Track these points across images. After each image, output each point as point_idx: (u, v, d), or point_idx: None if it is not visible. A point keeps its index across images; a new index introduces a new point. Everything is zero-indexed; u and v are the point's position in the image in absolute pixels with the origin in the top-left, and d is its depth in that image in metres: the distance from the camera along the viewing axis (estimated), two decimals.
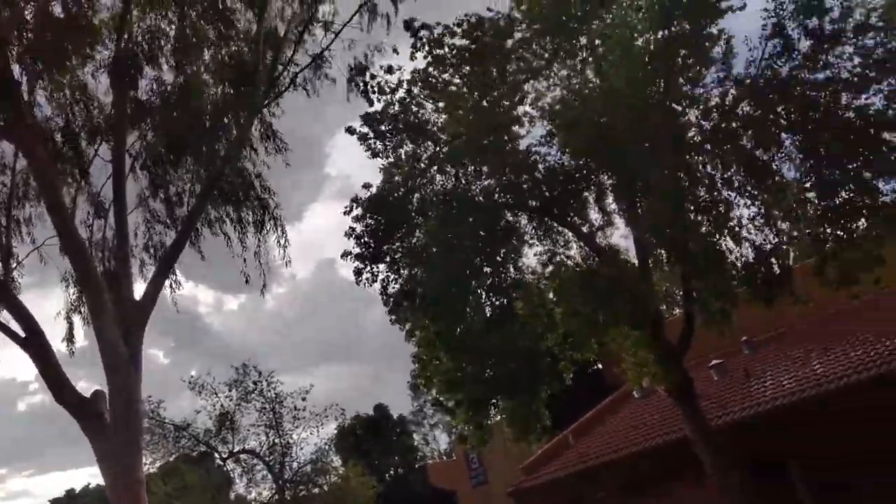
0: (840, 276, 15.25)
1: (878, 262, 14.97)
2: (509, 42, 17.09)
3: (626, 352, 16.86)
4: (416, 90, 17.37)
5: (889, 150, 14.76)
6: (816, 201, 15.54)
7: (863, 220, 15.27)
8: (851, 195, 15.18)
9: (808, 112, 15.09)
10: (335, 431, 50.83)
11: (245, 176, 21.16)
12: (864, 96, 14.89)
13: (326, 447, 43.68)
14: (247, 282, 21.01)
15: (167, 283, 20.30)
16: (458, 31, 17.05)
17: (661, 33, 15.97)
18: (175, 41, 20.03)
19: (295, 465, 42.15)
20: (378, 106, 17.51)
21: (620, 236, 17.79)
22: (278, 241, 21.46)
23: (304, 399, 42.07)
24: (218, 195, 20.85)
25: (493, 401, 16.17)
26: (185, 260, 20.67)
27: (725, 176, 16.11)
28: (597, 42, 16.54)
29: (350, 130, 17.48)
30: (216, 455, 42.66)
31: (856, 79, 14.84)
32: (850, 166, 14.99)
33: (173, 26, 20.21)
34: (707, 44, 15.82)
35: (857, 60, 14.89)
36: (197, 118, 20.05)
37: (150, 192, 21.30)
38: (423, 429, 73.63)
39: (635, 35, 15.68)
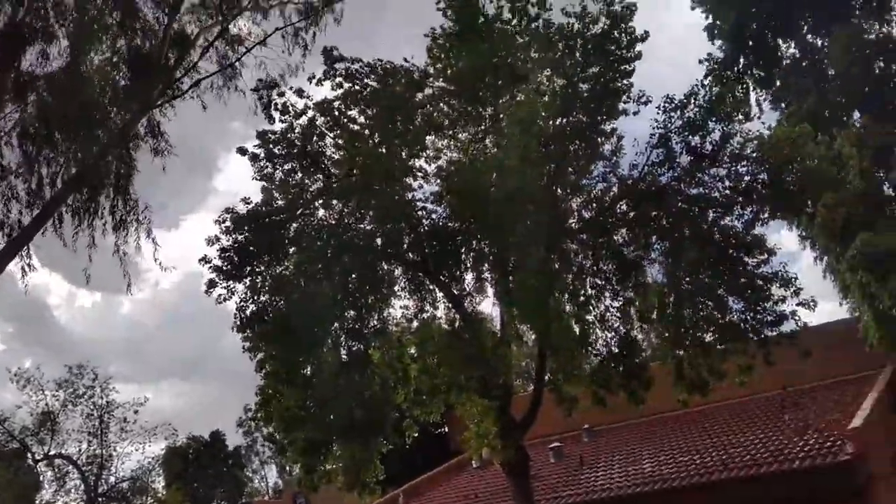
0: (692, 382, 16.41)
1: (720, 376, 16.22)
2: (419, 95, 17.54)
3: (471, 420, 17.15)
4: (320, 120, 17.41)
5: (743, 270, 16.17)
6: (673, 308, 16.74)
7: (712, 333, 16.56)
8: (705, 309, 16.46)
9: (678, 223, 16.32)
10: (163, 451, 48.44)
11: (119, 169, 20.32)
12: (728, 218, 16.32)
13: (150, 466, 41.71)
14: (88, 281, 20.21)
15: (18, 264, 19.14)
16: (372, 73, 17.35)
17: (560, 120, 16.98)
18: (73, 20, 19.22)
19: (112, 479, 40.29)
20: (278, 126, 17.38)
21: (490, 304, 18.25)
22: (138, 244, 20.54)
23: (136, 412, 40.26)
24: (87, 184, 19.91)
25: (330, 445, 15.95)
26: (46, 246, 19.63)
27: (596, 267, 17.10)
28: (501, 116, 17.23)
29: (241, 151, 17.17)
30: (29, 455, 40.16)
31: (724, 200, 16.26)
32: (707, 281, 16.29)
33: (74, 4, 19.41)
34: (600, 139, 16.93)
35: (727, 183, 16.36)
36: (84, 102, 19.22)
37: (17, 169, 20.09)
38: (253, 464, 71.20)
39: (537, 117, 16.45)
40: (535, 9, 17.15)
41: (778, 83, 25.59)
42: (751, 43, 25.28)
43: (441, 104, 17.73)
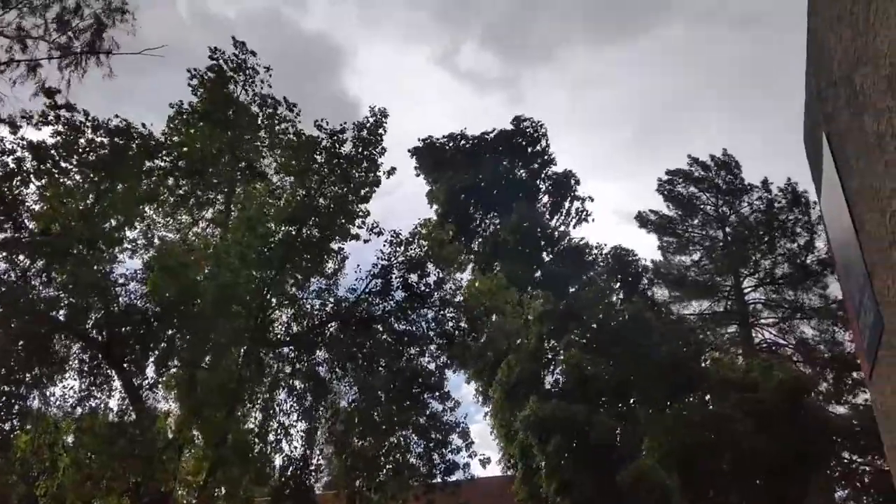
0: None
1: None
2: (148, 164, 17.05)
3: None
4: (28, 164, 16.23)
5: (429, 414, 17.14)
6: (358, 438, 17.21)
7: (389, 469, 17.12)
8: (389, 445, 17.08)
9: (379, 354, 17.07)
10: None
11: None
12: (424, 358, 17.37)
13: None
14: None
15: None
16: (102, 129, 16.64)
17: (291, 228, 17.27)
18: None
19: None
20: None
21: (169, 402, 17.49)
22: None
23: None
24: None
25: None
26: None
27: (291, 382, 17.21)
28: (231, 208, 17.25)
29: None
30: None
31: (424, 339, 17.35)
32: (395, 417, 17.02)
33: None
34: (325, 257, 17.45)
35: (432, 325, 17.52)
36: None
37: None
38: None
39: (268, 220, 16.64)
40: (285, 110, 17.75)
41: (476, 250, 29.59)
42: (456, 212, 29.60)
43: (170, 179, 17.43)
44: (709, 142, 75.00)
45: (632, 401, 21.55)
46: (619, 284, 26.61)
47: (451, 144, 31.05)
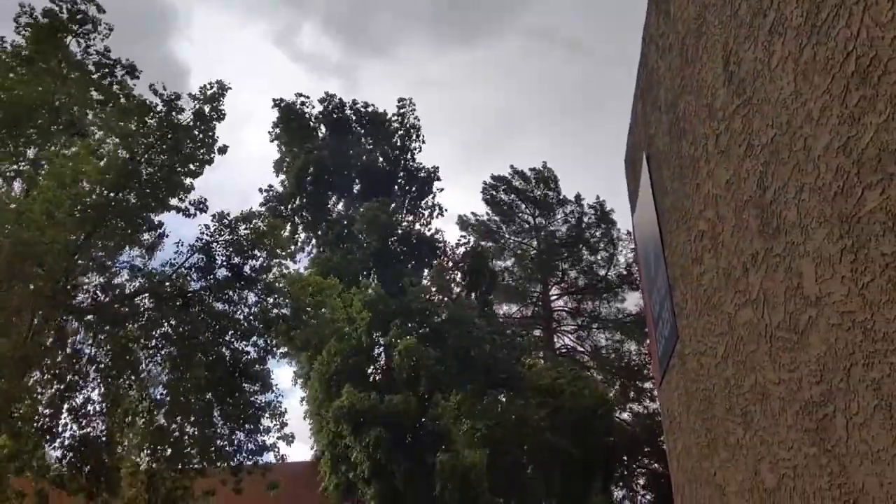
0: (165, 496, 15.74)
1: (189, 496, 15.95)
2: None
3: None
4: None
5: (240, 396, 16.52)
6: (164, 417, 16.28)
7: (194, 450, 16.31)
8: (195, 424, 16.28)
9: (195, 333, 16.20)
10: None
11: None
12: (243, 344, 16.68)
13: None
14: None
15: None
16: None
17: (108, 193, 15.94)
18: None
19: None
20: None
21: None
22: None
23: None
24: None
25: None
26: None
27: (93, 353, 15.97)
28: (43, 163, 15.69)
29: None
30: None
31: (246, 325, 16.68)
32: (205, 398, 16.27)
33: None
34: (143, 227, 16.26)
35: (254, 310, 16.85)
36: None
37: None
38: None
39: (83, 180, 15.27)
40: (123, 73, 16.49)
41: (322, 230, 28.55)
42: (308, 188, 28.13)
43: None
44: (533, 154, 78.27)
45: (450, 393, 22.00)
46: (464, 282, 26.85)
47: (323, 108, 28.94)
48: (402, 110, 29.88)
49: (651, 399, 30.67)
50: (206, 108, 16.27)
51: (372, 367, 23.16)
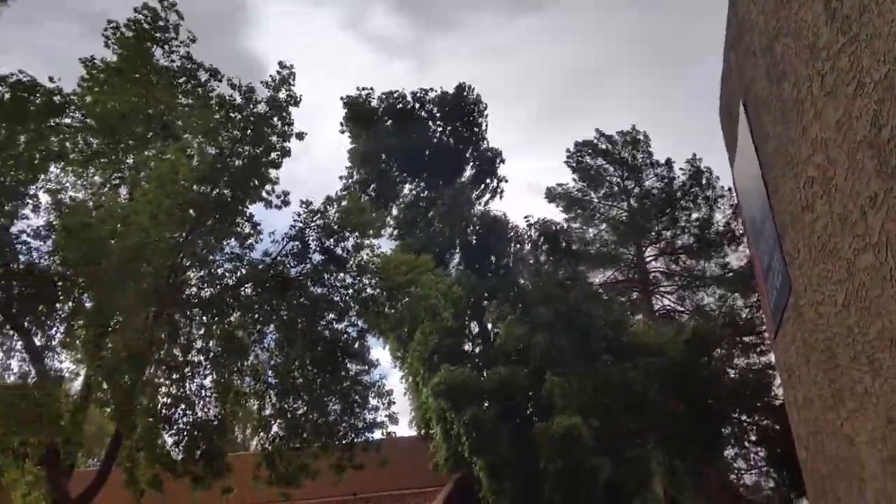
0: (283, 476, 16.44)
1: (312, 474, 16.54)
2: (55, 121, 16.12)
3: (19, 490, 15.32)
4: None
5: (345, 376, 17.05)
6: (276, 399, 16.99)
7: (309, 429, 16.95)
8: (306, 404, 16.93)
9: (296, 317, 16.78)
10: None
11: None
12: (343, 324, 17.21)
13: None
14: None
15: None
16: (2, 83, 15.58)
17: (203, 188, 16.66)
18: None
19: None
20: None
21: (74, 364, 16.79)
22: None
23: None
24: None
25: None
26: None
27: (203, 344, 16.76)
28: (141, 168, 16.49)
29: None
30: None
31: (342, 306, 17.17)
32: (312, 378, 16.86)
33: None
34: (239, 219, 16.91)
35: (350, 292, 17.28)
36: None
37: None
38: None
39: (180, 179, 15.97)
40: (205, 74, 17.06)
41: (396, 216, 29.25)
42: (379, 177, 29.27)
43: (79, 137, 16.55)
44: (618, 116, 76.54)
45: (554, 364, 22.04)
46: (543, 256, 26.94)
47: (385, 102, 29.97)
48: (464, 92, 30.33)
49: (759, 353, 29.86)
50: (280, 95, 16.71)
51: (469, 344, 23.50)
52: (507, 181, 29.95)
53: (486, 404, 19.86)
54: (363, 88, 29.84)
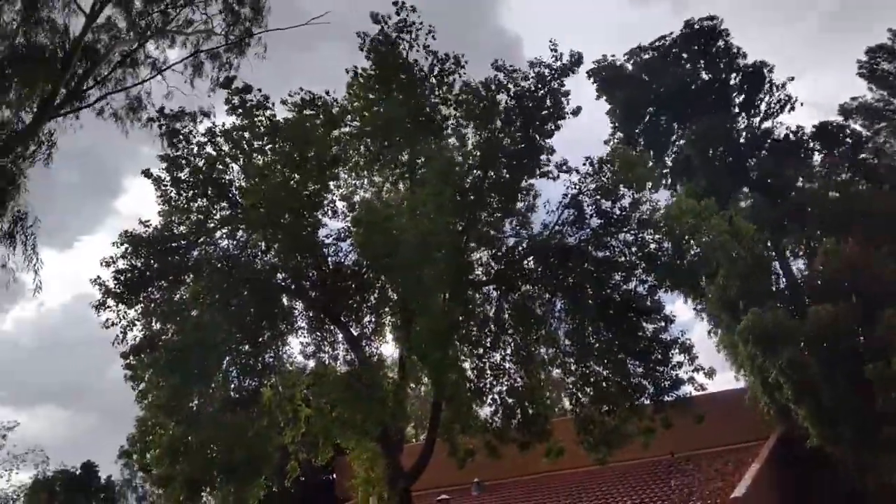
0: (598, 440, 16.89)
1: (623, 438, 16.79)
2: (335, 132, 17.76)
3: (361, 465, 17.15)
4: (225, 148, 17.36)
5: (643, 335, 16.98)
6: (576, 363, 17.40)
7: (613, 392, 17.14)
8: (607, 367, 17.13)
9: (582, 283, 17.02)
10: (30, 480, 45.00)
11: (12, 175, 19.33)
12: (630, 283, 17.14)
13: (15, 497, 38.78)
14: None
15: None
16: (286, 104, 17.50)
17: (479, 172, 17.51)
18: None
19: None
20: (181, 152, 17.27)
21: (388, 349, 18.44)
22: (29, 260, 19.45)
23: (3, 437, 37.44)
24: None
25: (209, 482, 15.57)
26: None
27: (498, 318, 17.60)
28: (417, 162, 17.63)
29: (146, 174, 16.90)
30: None
31: (628, 265, 17.11)
32: (608, 341, 17.03)
33: None
34: (517, 196, 17.56)
35: (633, 249, 17.20)
36: None
37: None
38: (128, 500, 66.97)
39: (455, 167, 16.89)
40: (455, 67, 17.82)
41: (669, 164, 28.58)
42: (645, 126, 29.14)
43: (358, 143, 18.08)
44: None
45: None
46: (846, 166, 24.72)
47: (629, 60, 29.83)
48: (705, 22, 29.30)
49: None
50: (546, 72, 17.10)
51: (776, 283, 22.23)
52: (784, 91, 28.11)
53: (804, 346, 18.60)
54: (601, 59, 30.25)
